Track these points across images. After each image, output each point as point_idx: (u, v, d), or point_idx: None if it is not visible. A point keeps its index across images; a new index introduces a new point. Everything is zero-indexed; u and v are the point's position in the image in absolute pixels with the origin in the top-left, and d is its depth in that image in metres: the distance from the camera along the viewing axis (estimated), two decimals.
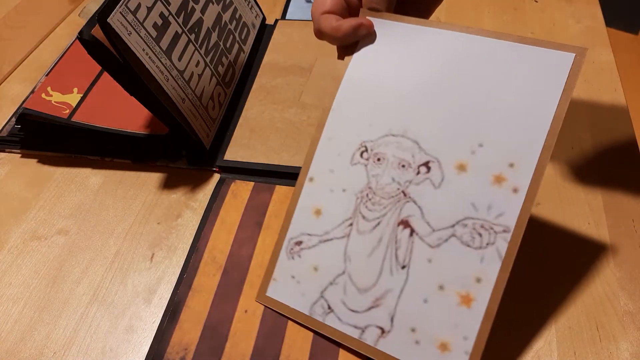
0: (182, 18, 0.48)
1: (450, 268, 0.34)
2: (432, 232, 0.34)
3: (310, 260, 0.38)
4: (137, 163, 0.52)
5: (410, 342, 0.34)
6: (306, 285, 0.38)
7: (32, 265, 0.44)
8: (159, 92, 0.43)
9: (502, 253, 0.32)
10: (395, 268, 0.35)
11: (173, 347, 0.38)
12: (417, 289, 0.34)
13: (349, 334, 0.36)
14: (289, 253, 0.39)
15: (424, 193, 0.35)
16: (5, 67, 0.65)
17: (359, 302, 0.36)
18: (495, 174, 0.33)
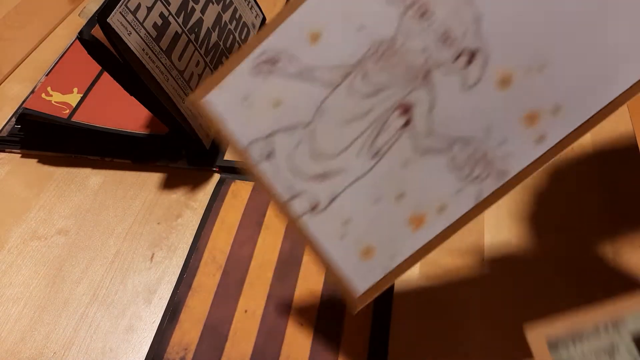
0: (182, 18, 0.48)
1: (421, 183, 0.29)
2: (428, 136, 0.29)
3: (276, 90, 0.30)
4: (137, 163, 0.52)
5: (336, 232, 0.30)
6: (256, 115, 0.30)
7: (32, 265, 0.44)
8: (159, 92, 0.43)
9: (482, 196, 0.28)
10: (365, 152, 0.29)
11: (173, 347, 0.38)
12: (374, 185, 0.29)
13: (278, 192, 0.30)
14: (255, 67, 0.30)
15: (448, 88, 0.28)
16: (5, 67, 0.65)
17: (306, 165, 0.30)
18: (533, 109, 0.27)
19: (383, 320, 0.39)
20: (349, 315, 0.39)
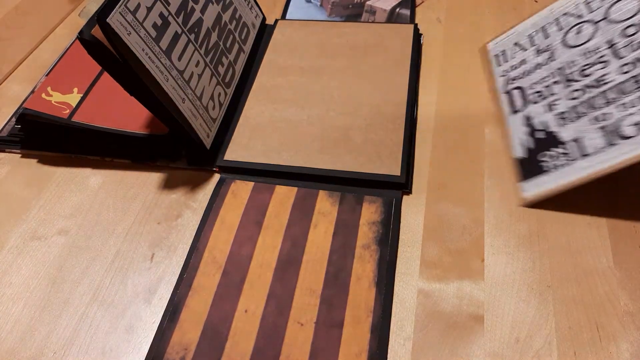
0: (181, 18, 0.48)
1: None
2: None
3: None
4: (137, 163, 0.52)
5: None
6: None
7: (32, 265, 0.44)
8: (159, 92, 0.43)
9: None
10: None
11: (173, 347, 0.38)
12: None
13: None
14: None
15: None
16: (5, 67, 0.65)
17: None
18: None
19: (383, 320, 0.39)
20: (349, 314, 0.39)
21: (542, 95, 0.41)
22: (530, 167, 0.43)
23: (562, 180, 0.40)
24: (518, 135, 0.44)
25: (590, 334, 0.37)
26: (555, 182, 0.41)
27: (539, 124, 0.43)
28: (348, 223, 0.45)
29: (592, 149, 0.39)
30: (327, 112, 0.53)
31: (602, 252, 0.42)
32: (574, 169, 0.40)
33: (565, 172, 0.40)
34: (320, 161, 0.48)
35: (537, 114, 0.43)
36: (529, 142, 0.44)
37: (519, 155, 0.42)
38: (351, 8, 0.68)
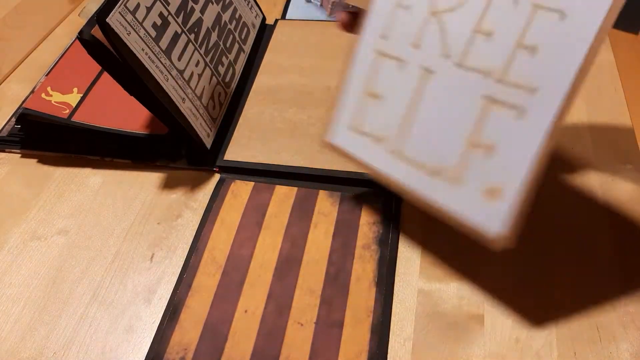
0: (181, 18, 0.48)
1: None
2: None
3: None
4: (137, 163, 0.52)
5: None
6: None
7: (32, 265, 0.44)
8: (159, 91, 0.43)
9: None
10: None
11: (173, 347, 0.38)
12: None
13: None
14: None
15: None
16: (5, 67, 0.65)
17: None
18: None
19: (383, 320, 0.39)
20: (349, 314, 0.39)
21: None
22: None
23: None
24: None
25: (590, 334, 0.37)
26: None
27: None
28: (348, 223, 0.45)
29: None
30: (327, 112, 0.53)
31: (602, 252, 0.42)
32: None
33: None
34: (320, 161, 0.48)
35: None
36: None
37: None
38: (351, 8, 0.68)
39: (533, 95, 0.30)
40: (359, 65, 0.37)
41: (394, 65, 0.36)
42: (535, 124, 0.30)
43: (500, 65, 0.32)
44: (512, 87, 0.31)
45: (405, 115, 0.35)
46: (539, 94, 0.30)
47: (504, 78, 0.31)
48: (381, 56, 0.36)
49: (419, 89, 0.35)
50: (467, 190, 0.33)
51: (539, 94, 0.30)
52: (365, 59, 0.37)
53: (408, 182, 0.35)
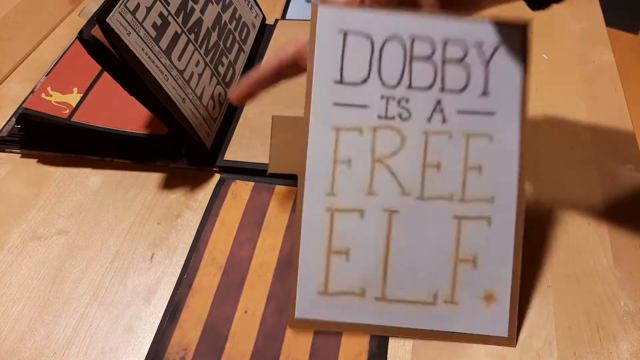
0: (181, 18, 0.48)
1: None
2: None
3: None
4: (137, 163, 0.52)
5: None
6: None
7: (32, 265, 0.44)
8: (159, 91, 0.43)
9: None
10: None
11: (173, 347, 0.38)
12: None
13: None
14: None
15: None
16: (5, 67, 0.65)
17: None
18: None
19: None
20: None
21: None
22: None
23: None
24: None
25: (590, 334, 0.37)
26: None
27: None
28: None
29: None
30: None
31: (602, 252, 0.42)
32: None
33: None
34: None
35: None
36: None
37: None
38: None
39: (492, 203, 0.35)
40: (313, 228, 0.36)
41: (354, 217, 0.36)
42: (503, 226, 0.35)
43: (459, 188, 0.35)
44: (475, 202, 0.35)
45: (382, 259, 0.36)
46: (496, 200, 0.35)
47: (465, 197, 0.35)
48: (336, 212, 0.36)
49: (388, 229, 0.35)
50: (465, 306, 0.35)
51: (496, 200, 0.35)
52: (318, 219, 0.36)
53: (406, 324, 0.36)
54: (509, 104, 0.35)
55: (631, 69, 1.48)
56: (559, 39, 0.62)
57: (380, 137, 0.35)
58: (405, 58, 0.35)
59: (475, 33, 0.35)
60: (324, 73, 0.35)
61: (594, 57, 0.59)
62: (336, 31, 0.35)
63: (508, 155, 0.35)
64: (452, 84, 0.35)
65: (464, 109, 0.35)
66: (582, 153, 0.49)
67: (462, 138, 0.35)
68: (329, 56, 0.35)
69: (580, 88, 0.55)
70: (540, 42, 0.61)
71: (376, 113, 0.35)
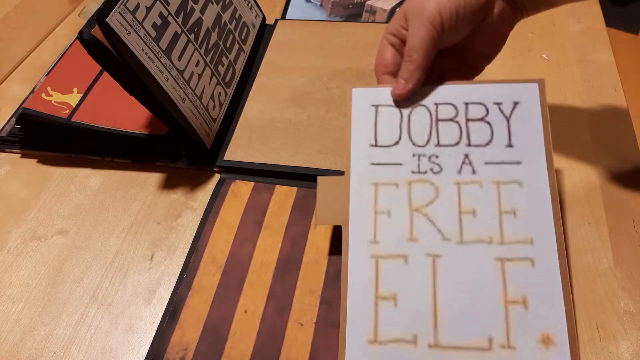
0: (181, 18, 0.48)
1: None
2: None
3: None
4: (137, 163, 0.52)
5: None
6: None
7: (32, 265, 0.44)
8: (159, 91, 0.43)
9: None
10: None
11: (173, 347, 0.38)
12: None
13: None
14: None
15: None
16: (5, 67, 0.65)
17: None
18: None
19: None
20: None
21: None
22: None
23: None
24: None
25: (590, 334, 0.37)
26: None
27: None
28: None
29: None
30: (327, 112, 0.53)
31: (602, 252, 0.42)
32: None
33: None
34: (320, 161, 0.48)
35: None
36: None
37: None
38: (351, 8, 0.68)
39: (533, 245, 0.35)
40: (359, 276, 0.36)
41: (398, 262, 0.36)
42: (547, 266, 0.35)
43: (497, 231, 0.36)
44: (515, 244, 0.36)
45: (431, 304, 0.35)
46: (536, 242, 0.35)
47: (504, 240, 0.36)
48: (381, 259, 0.37)
49: (433, 273, 0.36)
50: (523, 351, 0.34)
51: (536, 242, 0.35)
52: (363, 267, 0.37)
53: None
54: (534, 152, 0.37)
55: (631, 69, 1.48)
56: (559, 39, 0.62)
57: (415, 189, 0.38)
58: (432, 120, 0.39)
59: (492, 95, 0.39)
60: (361, 139, 0.40)
61: (594, 57, 0.59)
62: (369, 105, 0.40)
63: (540, 199, 0.36)
64: (477, 140, 0.38)
65: (491, 160, 0.38)
66: (582, 153, 0.49)
67: (492, 186, 0.37)
68: (364, 125, 0.40)
69: (580, 88, 0.55)
70: (540, 42, 0.61)
71: (410, 169, 0.38)
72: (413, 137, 0.39)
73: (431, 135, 0.39)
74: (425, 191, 0.38)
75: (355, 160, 0.39)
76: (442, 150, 0.38)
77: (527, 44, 0.61)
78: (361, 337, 0.35)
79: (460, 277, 0.35)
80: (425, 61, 0.38)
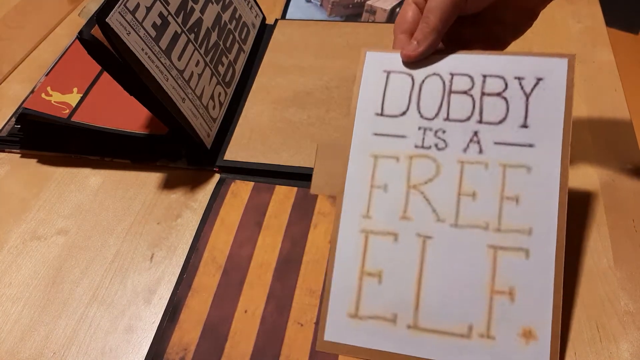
0: (181, 18, 0.48)
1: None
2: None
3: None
4: (137, 163, 0.52)
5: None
6: None
7: (32, 265, 0.44)
8: (159, 91, 0.43)
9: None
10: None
11: (173, 347, 0.38)
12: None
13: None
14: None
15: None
16: (5, 67, 0.65)
17: None
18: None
19: None
20: None
21: None
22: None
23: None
24: None
25: (590, 334, 0.37)
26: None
27: None
28: None
29: None
30: (327, 112, 0.53)
31: (602, 252, 0.42)
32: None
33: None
34: None
35: None
36: None
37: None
38: (351, 8, 0.68)
39: (530, 235, 0.34)
40: (347, 249, 0.36)
41: (388, 240, 0.36)
42: (542, 259, 0.34)
43: (495, 217, 0.35)
44: (512, 232, 0.34)
45: (415, 285, 0.35)
46: (534, 233, 0.34)
47: (501, 227, 0.34)
48: (371, 234, 0.36)
49: (421, 255, 0.35)
50: (502, 342, 0.33)
51: (534, 233, 0.34)
52: (352, 241, 0.36)
53: (439, 356, 0.34)
54: (550, 136, 0.35)
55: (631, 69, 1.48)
56: (559, 39, 0.62)
57: (416, 165, 0.36)
58: (444, 92, 0.37)
59: (515, 68, 0.36)
60: (367, 107, 0.38)
61: (594, 57, 0.59)
62: (380, 71, 0.38)
63: (547, 188, 0.34)
64: (490, 117, 0.36)
65: (501, 140, 0.36)
66: (582, 153, 0.49)
67: (498, 168, 0.35)
68: (372, 92, 0.38)
69: (580, 88, 0.55)
70: (541, 41, 0.61)
71: (413, 143, 0.37)
72: (422, 109, 0.37)
73: (441, 108, 0.37)
74: (426, 168, 0.36)
75: (358, 129, 0.38)
76: (450, 125, 0.36)
77: (527, 44, 0.61)
78: (343, 309, 0.35)
79: (449, 261, 0.35)
80: (442, 24, 0.35)
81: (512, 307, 0.33)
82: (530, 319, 0.33)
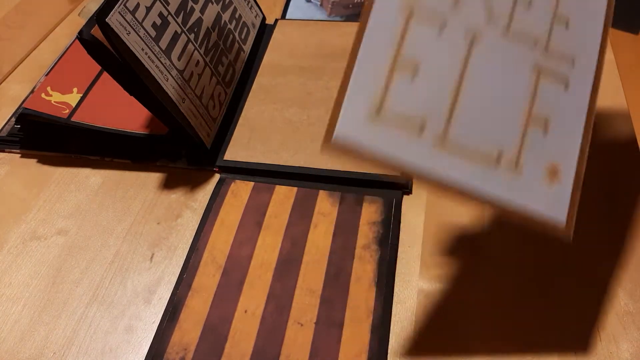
0: (181, 18, 0.48)
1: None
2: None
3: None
4: (137, 163, 0.52)
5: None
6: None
7: (32, 265, 0.44)
8: (159, 91, 0.43)
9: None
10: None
11: (173, 347, 0.38)
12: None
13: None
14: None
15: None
16: (5, 67, 0.65)
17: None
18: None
19: (383, 320, 0.39)
20: (348, 315, 0.39)
21: None
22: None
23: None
24: None
25: (590, 334, 0.37)
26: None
27: None
28: (348, 223, 0.45)
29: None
30: (327, 112, 0.53)
31: (602, 252, 0.42)
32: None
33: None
34: (320, 161, 0.48)
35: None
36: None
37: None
38: (351, 8, 0.68)
39: (573, 66, 0.31)
40: (380, 33, 0.29)
41: (433, 29, 0.30)
42: (578, 94, 0.31)
43: (544, 35, 0.31)
44: (557, 57, 0.31)
45: (452, 90, 0.29)
46: (576, 64, 0.31)
47: (549, 47, 0.31)
48: (414, 17, 0.30)
49: (466, 55, 0.30)
50: (528, 177, 0.30)
51: (576, 64, 0.31)
52: (389, 23, 0.29)
53: (462, 178, 0.29)
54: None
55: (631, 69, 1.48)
56: None
57: None
58: None
59: None
60: None
61: None
62: None
63: (593, 15, 0.32)
64: None
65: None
66: None
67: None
68: None
69: None
70: None
71: None
72: None
73: None
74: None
75: None
76: None
77: None
78: (364, 103, 0.28)
79: (492, 73, 0.30)
80: None
81: (544, 139, 0.30)
82: (558, 156, 0.30)
